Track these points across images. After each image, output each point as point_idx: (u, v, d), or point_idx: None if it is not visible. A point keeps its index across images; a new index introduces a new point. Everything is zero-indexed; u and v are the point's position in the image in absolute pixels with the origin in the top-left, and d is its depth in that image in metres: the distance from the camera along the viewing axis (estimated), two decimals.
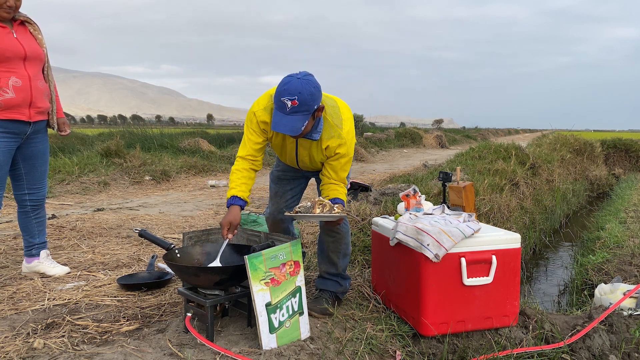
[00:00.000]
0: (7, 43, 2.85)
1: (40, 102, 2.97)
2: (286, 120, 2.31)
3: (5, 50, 2.82)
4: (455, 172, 4.00)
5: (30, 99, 2.89)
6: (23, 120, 2.90)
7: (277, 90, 2.34)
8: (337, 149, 2.55)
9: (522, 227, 6.37)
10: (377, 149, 19.01)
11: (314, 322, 2.59)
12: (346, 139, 2.55)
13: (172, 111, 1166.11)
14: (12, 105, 2.80)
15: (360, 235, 4.34)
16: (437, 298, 2.63)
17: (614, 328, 2.84)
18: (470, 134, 38.25)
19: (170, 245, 2.66)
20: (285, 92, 2.29)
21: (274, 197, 2.95)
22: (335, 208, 2.42)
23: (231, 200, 2.50)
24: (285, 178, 2.95)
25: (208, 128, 31.23)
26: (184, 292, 2.39)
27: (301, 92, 2.28)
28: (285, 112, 2.30)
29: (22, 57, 2.89)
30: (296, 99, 2.27)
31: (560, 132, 14.49)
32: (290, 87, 2.29)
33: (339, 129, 2.54)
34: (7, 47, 2.84)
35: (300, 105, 2.28)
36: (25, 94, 2.87)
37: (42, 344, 2.24)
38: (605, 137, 15.01)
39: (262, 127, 2.57)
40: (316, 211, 2.39)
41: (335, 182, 2.59)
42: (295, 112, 2.30)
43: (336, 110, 2.58)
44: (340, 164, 2.58)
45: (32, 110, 2.90)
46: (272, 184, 2.99)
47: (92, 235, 4.58)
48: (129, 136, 12.99)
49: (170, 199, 7.30)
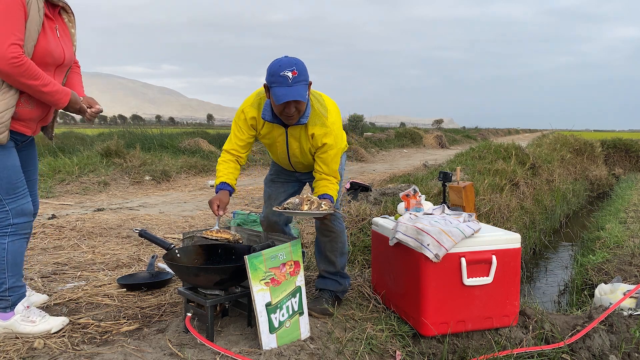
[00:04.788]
0: (52, 46, 2.27)
1: (49, 117, 2.50)
2: (291, 90, 2.39)
3: (48, 55, 2.25)
4: (455, 172, 4.00)
5: (44, 116, 2.42)
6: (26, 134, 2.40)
7: (271, 71, 2.42)
8: (324, 138, 2.59)
9: (522, 227, 6.37)
10: (377, 149, 19.02)
11: (314, 322, 2.59)
12: (332, 129, 2.61)
13: (172, 111, 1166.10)
14: (26, 118, 2.30)
15: (360, 235, 4.34)
16: (437, 298, 2.63)
17: (614, 328, 2.84)
18: (470, 134, 38.23)
19: (170, 245, 2.66)
20: (282, 67, 2.40)
21: (267, 200, 2.99)
22: (323, 205, 2.45)
23: (220, 185, 2.62)
24: (278, 181, 2.98)
25: (208, 128, 31.25)
26: (184, 292, 2.39)
27: (297, 63, 2.42)
28: (288, 84, 2.39)
29: (58, 64, 2.34)
30: (295, 69, 2.40)
31: (560, 132, 14.50)
32: (285, 62, 2.41)
33: (324, 118, 2.61)
34: (51, 51, 2.26)
35: (300, 74, 2.40)
36: (44, 110, 2.38)
37: (42, 344, 2.24)
38: (606, 137, 15.02)
39: (250, 123, 2.66)
40: (304, 208, 2.42)
41: (326, 176, 2.63)
42: (297, 82, 2.40)
43: (321, 100, 2.68)
44: (330, 156, 2.62)
45: (39, 125, 2.44)
46: (266, 188, 3.03)
47: (92, 235, 4.58)
48: (129, 136, 12.98)
49: (170, 199, 7.30)
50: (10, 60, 2.06)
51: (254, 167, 12.08)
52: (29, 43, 2.15)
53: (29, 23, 2.14)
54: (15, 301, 2.35)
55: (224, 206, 2.53)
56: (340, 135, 2.72)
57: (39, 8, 2.17)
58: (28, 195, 2.37)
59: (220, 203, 2.52)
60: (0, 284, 2.30)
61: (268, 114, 2.58)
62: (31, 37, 2.15)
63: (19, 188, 2.30)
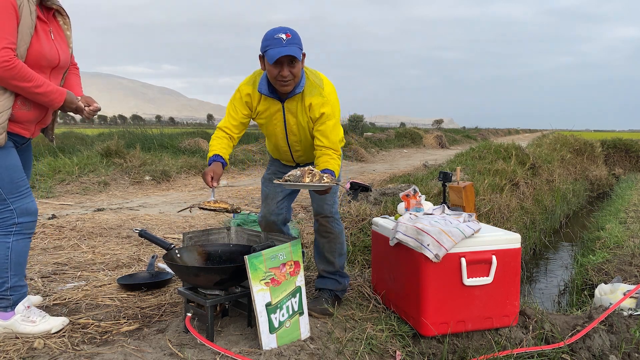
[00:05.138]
0: (46, 49, 2.27)
1: (48, 119, 2.50)
2: (286, 48, 2.41)
3: (42, 58, 2.25)
4: (455, 172, 4.00)
5: (42, 117, 2.42)
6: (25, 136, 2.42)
7: (265, 37, 2.47)
8: (321, 107, 2.59)
9: (522, 227, 6.37)
10: (377, 149, 19.01)
11: (314, 322, 2.59)
12: (329, 99, 2.62)
13: (172, 111, 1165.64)
14: (24, 120, 2.31)
15: (360, 235, 4.34)
16: (437, 298, 2.63)
17: (614, 328, 2.84)
18: (471, 134, 38.23)
19: (170, 245, 2.66)
20: (276, 30, 2.46)
21: (265, 200, 2.98)
22: (325, 178, 2.40)
23: (213, 157, 2.61)
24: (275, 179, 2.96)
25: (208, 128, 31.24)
26: (184, 292, 2.39)
27: (290, 29, 2.48)
28: (282, 44, 2.42)
29: (53, 67, 2.35)
30: (288, 32, 2.45)
31: (560, 132, 14.50)
32: (278, 28, 2.48)
33: (320, 88, 2.62)
34: (45, 53, 2.27)
35: (293, 37, 2.45)
36: (41, 112, 2.38)
37: (42, 344, 2.24)
38: (606, 137, 15.02)
39: (245, 100, 2.68)
40: (305, 180, 2.37)
41: (327, 150, 2.59)
42: (291, 44, 2.43)
43: (316, 74, 2.70)
44: (329, 127, 2.60)
45: (38, 127, 2.45)
46: (263, 187, 3.02)
47: (92, 235, 4.58)
48: (129, 136, 12.98)
49: (170, 199, 7.30)
50: (1, 64, 2.08)
51: (254, 167, 12.09)
52: (22, 46, 2.16)
53: (21, 26, 2.15)
54: (16, 300, 2.35)
55: (217, 178, 2.52)
56: (337, 107, 2.73)
57: (30, 11, 2.18)
58: (31, 195, 2.38)
59: (214, 174, 2.51)
60: (2, 282, 2.30)
61: (264, 86, 2.60)
62: (24, 40, 2.17)
63: (21, 187, 2.30)
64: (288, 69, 2.45)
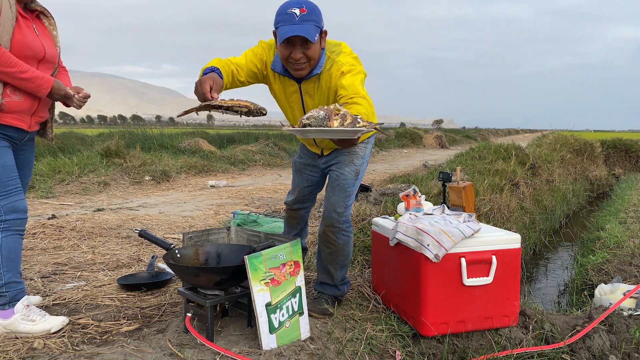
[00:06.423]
0: (30, 40, 2.32)
1: (43, 112, 2.52)
2: (298, 27, 2.09)
3: (26, 48, 2.29)
4: (455, 172, 4.00)
5: (36, 108, 2.43)
6: (22, 128, 2.45)
7: (279, 10, 2.16)
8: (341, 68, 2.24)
9: (522, 227, 6.37)
10: (377, 149, 19.02)
11: (314, 322, 2.58)
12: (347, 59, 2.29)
13: (172, 111, 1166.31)
14: (16, 110, 2.33)
15: (360, 235, 4.34)
16: (437, 298, 2.63)
17: (614, 328, 2.84)
18: (470, 134, 38.25)
19: (170, 245, 2.66)
20: (290, 4, 2.12)
21: (294, 189, 2.94)
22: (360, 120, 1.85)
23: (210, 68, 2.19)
24: (305, 172, 2.87)
25: (208, 128, 31.27)
26: (184, 292, 2.39)
27: (307, 2, 2.15)
28: (294, 22, 2.09)
29: (39, 58, 2.38)
30: (304, 6, 2.12)
31: (560, 132, 14.50)
32: (294, 1, 2.15)
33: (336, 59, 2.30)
34: (29, 44, 2.31)
35: (309, 13, 2.11)
36: (33, 101, 2.40)
37: (42, 344, 2.24)
38: (605, 137, 15.01)
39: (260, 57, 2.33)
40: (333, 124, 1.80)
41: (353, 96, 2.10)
42: (305, 21, 2.11)
43: (334, 47, 2.37)
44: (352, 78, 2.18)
45: (34, 119, 2.47)
46: (294, 174, 2.91)
47: (92, 235, 4.58)
48: (129, 136, 12.99)
49: (170, 199, 7.30)
50: None
51: (254, 167, 12.09)
52: (4, 36, 2.21)
53: (2, 18, 2.20)
54: (13, 298, 2.36)
55: (217, 88, 2.09)
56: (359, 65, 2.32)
57: (10, 4, 2.23)
58: (21, 193, 2.40)
59: (213, 84, 2.06)
60: None
61: (278, 64, 2.29)
62: (6, 30, 2.21)
63: (10, 186, 2.33)
64: (301, 51, 2.13)
